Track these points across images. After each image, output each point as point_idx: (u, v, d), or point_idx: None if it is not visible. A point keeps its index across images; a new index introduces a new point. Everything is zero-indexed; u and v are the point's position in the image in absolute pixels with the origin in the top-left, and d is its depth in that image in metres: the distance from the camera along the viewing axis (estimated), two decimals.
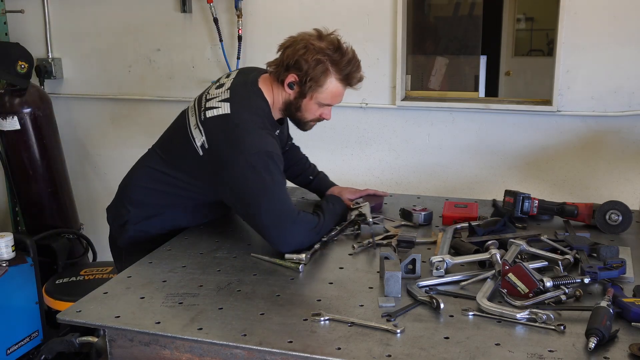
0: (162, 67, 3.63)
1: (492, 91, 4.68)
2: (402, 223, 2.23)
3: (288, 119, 2.19)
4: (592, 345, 1.35)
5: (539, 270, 1.73)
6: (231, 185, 1.93)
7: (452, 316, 1.53)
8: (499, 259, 1.73)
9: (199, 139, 1.98)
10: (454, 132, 3.21)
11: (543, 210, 2.21)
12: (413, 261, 1.75)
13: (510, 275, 1.60)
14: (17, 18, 3.78)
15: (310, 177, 2.52)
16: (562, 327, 1.40)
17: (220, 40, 3.38)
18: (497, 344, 1.40)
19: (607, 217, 2.09)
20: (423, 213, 2.22)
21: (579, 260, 1.77)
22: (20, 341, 2.98)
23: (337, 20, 3.24)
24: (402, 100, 3.23)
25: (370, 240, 2.00)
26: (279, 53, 2.04)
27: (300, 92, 2.02)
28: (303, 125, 2.15)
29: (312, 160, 2.61)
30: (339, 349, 1.38)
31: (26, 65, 3.38)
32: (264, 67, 2.14)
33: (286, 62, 1.99)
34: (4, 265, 2.87)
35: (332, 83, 2.01)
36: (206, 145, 1.96)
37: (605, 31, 2.87)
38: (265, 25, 3.38)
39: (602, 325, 1.37)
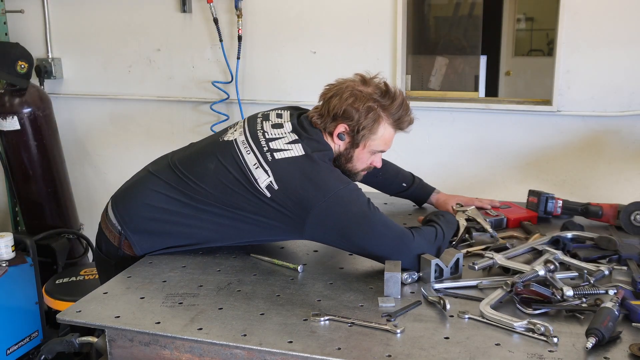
0: (162, 67, 3.63)
1: (492, 91, 4.68)
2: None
3: None
4: (589, 345, 1.35)
5: (570, 280, 1.72)
6: (329, 227, 1.77)
7: (452, 316, 1.53)
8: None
9: (264, 179, 1.79)
10: (454, 132, 3.21)
11: (567, 211, 2.21)
12: (456, 261, 1.76)
13: (524, 295, 1.59)
14: (17, 18, 3.78)
15: (404, 185, 2.40)
16: (555, 340, 1.39)
17: (220, 40, 3.38)
18: (497, 344, 1.40)
19: (632, 217, 2.08)
20: (495, 218, 2.18)
21: (612, 270, 1.74)
22: (20, 341, 2.98)
23: (337, 21, 3.24)
24: None
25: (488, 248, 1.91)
26: (322, 102, 1.95)
27: (352, 142, 1.92)
28: (354, 177, 2.00)
29: None
30: (339, 349, 1.38)
31: (26, 65, 3.38)
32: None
33: (333, 112, 1.89)
34: (4, 265, 2.87)
35: (385, 129, 1.92)
36: (275, 187, 1.78)
37: (605, 31, 2.87)
38: (265, 25, 3.38)
39: (603, 326, 1.37)
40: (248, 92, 3.46)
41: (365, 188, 2.83)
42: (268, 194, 1.79)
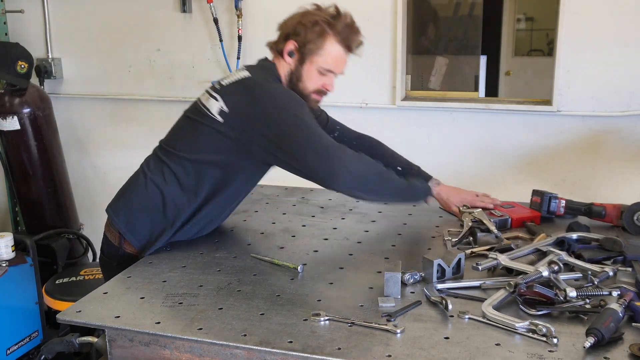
0: (162, 67, 3.63)
1: (492, 91, 4.68)
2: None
3: None
4: (587, 344, 1.35)
5: (574, 280, 1.72)
6: (265, 133, 1.84)
7: (452, 316, 1.53)
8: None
9: (215, 106, 1.91)
10: (454, 132, 3.21)
11: (570, 211, 2.20)
12: (458, 261, 1.76)
13: (527, 296, 1.59)
14: (17, 18, 3.78)
15: (399, 169, 2.24)
16: (554, 340, 1.39)
17: (220, 40, 3.38)
18: (497, 344, 1.40)
19: (635, 217, 2.07)
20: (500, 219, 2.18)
21: (617, 271, 1.73)
22: (20, 341, 2.98)
23: None
24: (402, 100, 3.23)
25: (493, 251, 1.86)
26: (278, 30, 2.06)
27: (300, 58, 1.99)
28: (306, 99, 2.02)
29: None
30: (339, 349, 1.38)
31: (26, 65, 3.38)
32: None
33: (285, 33, 2.00)
34: (4, 265, 2.87)
35: (332, 45, 1.97)
36: (226, 109, 1.89)
37: (605, 31, 2.87)
38: (265, 25, 3.35)
39: (604, 327, 1.37)
40: None
41: None
42: (221, 119, 1.88)
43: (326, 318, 1.51)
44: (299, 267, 1.83)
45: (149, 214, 1.97)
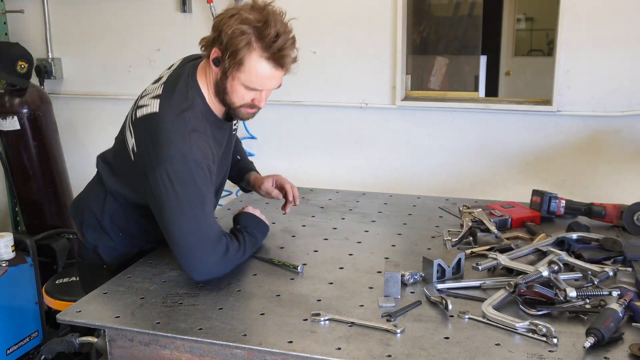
0: (162, 67, 3.60)
1: (492, 91, 4.67)
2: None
3: None
4: (587, 344, 1.35)
5: (574, 280, 1.72)
6: (151, 195, 1.72)
7: (452, 316, 1.53)
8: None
9: (130, 141, 1.81)
10: (454, 132, 3.21)
11: (570, 211, 2.21)
12: (458, 261, 1.76)
13: (527, 296, 1.59)
14: (17, 18, 3.78)
15: (238, 157, 2.26)
16: (554, 340, 1.39)
17: None
18: (497, 344, 1.40)
19: (635, 217, 2.07)
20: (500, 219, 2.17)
21: (617, 271, 1.73)
22: (20, 341, 2.98)
23: (337, 21, 3.24)
24: (402, 100, 3.23)
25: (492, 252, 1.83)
26: None
27: (223, 70, 1.72)
28: (235, 112, 1.81)
29: (312, 160, 2.60)
30: (339, 349, 1.38)
31: (26, 65, 3.38)
32: None
33: (212, 36, 1.73)
34: (4, 265, 2.87)
35: (256, 62, 1.67)
36: (135, 149, 1.78)
37: (605, 31, 2.87)
38: None
39: (604, 327, 1.37)
40: None
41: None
42: (132, 157, 1.80)
43: (326, 318, 1.51)
44: (299, 267, 1.83)
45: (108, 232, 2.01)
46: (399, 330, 1.45)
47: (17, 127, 3.36)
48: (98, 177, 2.05)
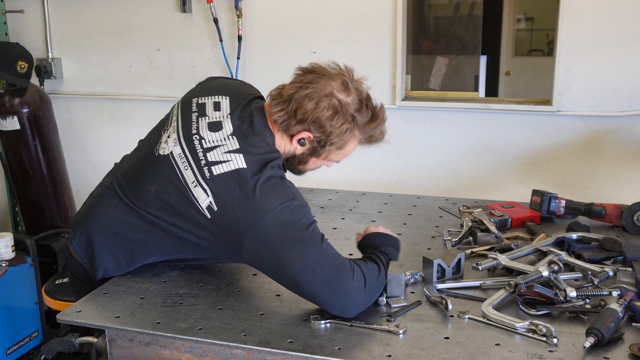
0: (162, 67, 3.63)
1: (492, 91, 4.67)
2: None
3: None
4: (587, 344, 1.35)
5: (574, 280, 1.72)
6: (264, 252, 1.57)
7: (452, 316, 1.53)
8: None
9: (204, 199, 1.61)
10: (454, 132, 3.21)
11: (570, 211, 2.21)
12: (458, 261, 1.76)
13: (527, 296, 1.60)
14: (17, 18, 3.78)
15: None
16: (554, 340, 1.39)
17: (220, 40, 3.38)
18: (497, 344, 1.40)
19: (635, 217, 2.07)
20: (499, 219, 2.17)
21: (617, 271, 1.73)
22: (20, 341, 2.98)
23: (337, 21, 3.24)
24: (402, 100, 3.23)
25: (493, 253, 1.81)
26: (291, 96, 1.66)
27: (312, 150, 1.71)
28: (299, 174, 1.84)
29: None
30: (339, 349, 1.38)
31: (26, 65, 3.38)
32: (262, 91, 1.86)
33: (302, 117, 1.64)
34: (4, 265, 2.87)
35: (353, 145, 1.73)
36: (215, 208, 1.60)
37: (605, 31, 2.87)
38: (265, 25, 3.38)
39: (604, 327, 1.37)
40: None
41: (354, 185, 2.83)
42: (209, 215, 1.61)
43: (327, 321, 1.50)
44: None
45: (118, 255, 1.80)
46: (401, 331, 1.44)
47: (17, 127, 3.36)
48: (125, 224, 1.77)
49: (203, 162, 1.64)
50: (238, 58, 3.38)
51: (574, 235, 1.95)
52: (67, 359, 2.93)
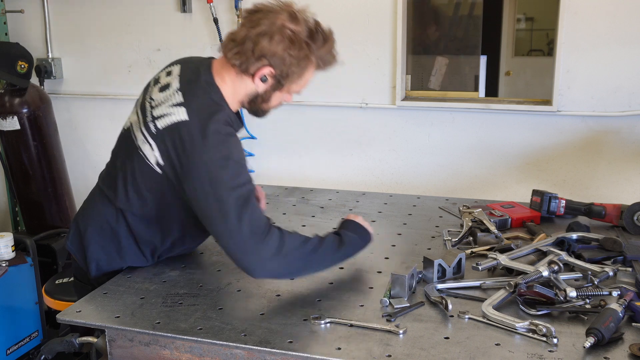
0: (162, 67, 3.62)
1: (492, 91, 4.67)
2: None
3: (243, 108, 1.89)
4: (587, 344, 1.35)
5: (574, 280, 1.72)
6: (195, 200, 1.66)
7: (452, 316, 1.53)
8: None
9: (151, 156, 1.71)
10: (454, 132, 3.21)
11: (570, 211, 2.21)
12: (459, 261, 1.76)
13: (527, 296, 1.60)
14: (17, 18, 3.78)
15: None
16: (554, 340, 1.39)
17: (220, 40, 3.38)
18: (497, 344, 1.40)
19: (635, 217, 2.07)
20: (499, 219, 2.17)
21: (617, 271, 1.73)
22: (20, 341, 2.98)
23: (337, 21, 3.23)
24: (402, 100, 3.23)
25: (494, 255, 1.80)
26: (244, 38, 1.68)
27: (275, 85, 1.75)
28: (263, 114, 1.87)
29: (312, 160, 2.60)
30: (339, 349, 1.38)
31: (26, 65, 3.38)
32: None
33: (259, 54, 1.68)
34: (4, 265, 2.87)
35: (310, 73, 1.78)
36: (161, 162, 1.69)
37: (605, 31, 2.87)
38: None
39: (604, 327, 1.37)
40: None
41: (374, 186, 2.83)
42: (160, 171, 1.70)
43: (327, 321, 1.51)
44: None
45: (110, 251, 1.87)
46: (401, 331, 1.45)
47: (17, 127, 3.36)
48: (103, 204, 1.87)
49: (149, 118, 1.73)
50: None
51: (574, 235, 1.95)
52: (67, 359, 2.93)
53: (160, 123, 1.70)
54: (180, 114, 1.67)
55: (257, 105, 1.82)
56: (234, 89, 1.76)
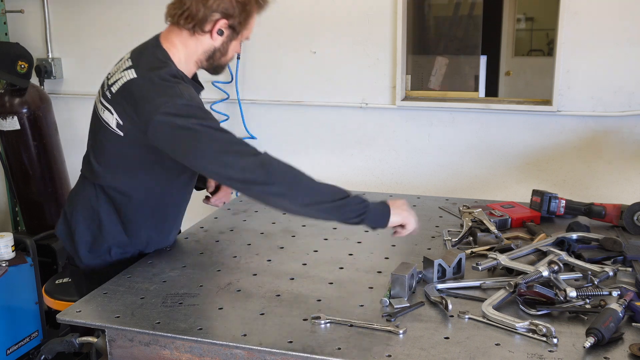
0: None
1: (492, 91, 4.67)
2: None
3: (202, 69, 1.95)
4: (587, 344, 1.35)
5: (574, 280, 1.72)
6: (164, 142, 1.69)
7: (452, 316, 1.53)
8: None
9: (112, 120, 1.77)
10: (454, 132, 3.21)
11: (570, 211, 2.21)
12: (459, 261, 1.76)
13: (527, 296, 1.60)
14: (17, 18, 3.78)
15: None
16: (554, 340, 1.39)
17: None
18: (497, 344, 1.40)
19: (635, 217, 2.07)
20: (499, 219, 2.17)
21: (617, 271, 1.73)
22: (20, 341, 2.98)
23: (337, 21, 3.24)
24: (402, 100, 3.23)
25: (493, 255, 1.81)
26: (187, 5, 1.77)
27: (230, 35, 1.83)
28: (221, 70, 1.94)
29: (312, 160, 2.60)
30: (339, 349, 1.38)
31: (26, 65, 3.38)
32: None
33: (210, 10, 1.76)
34: (4, 265, 2.87)
35: (255, 15, 1.87)
36: (121, 122, 1.75)
37: (605, 31, 2.87)
38: (265, 25, 3.36)
39: (604, 327, 1.37)
40: (248, 92, 3.46)
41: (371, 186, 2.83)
42: (121, 133, 1.76)
43: (327, 321, 1.51)
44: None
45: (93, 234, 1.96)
46: (401, 331, 1.45)
47: (17, 127, 3.36)
48: (86, 188, 2.00)
49: (106, 88, 1.84)
50: (238, 58, 3.37)
51: (574, 235, 1.95)
52: (67, 359, 2.93)
53: (114, 87, 1.78)
54: (130, 74, 1.77)
55: (216, 61, 1.88)
56: (187, 50, 1.84)
